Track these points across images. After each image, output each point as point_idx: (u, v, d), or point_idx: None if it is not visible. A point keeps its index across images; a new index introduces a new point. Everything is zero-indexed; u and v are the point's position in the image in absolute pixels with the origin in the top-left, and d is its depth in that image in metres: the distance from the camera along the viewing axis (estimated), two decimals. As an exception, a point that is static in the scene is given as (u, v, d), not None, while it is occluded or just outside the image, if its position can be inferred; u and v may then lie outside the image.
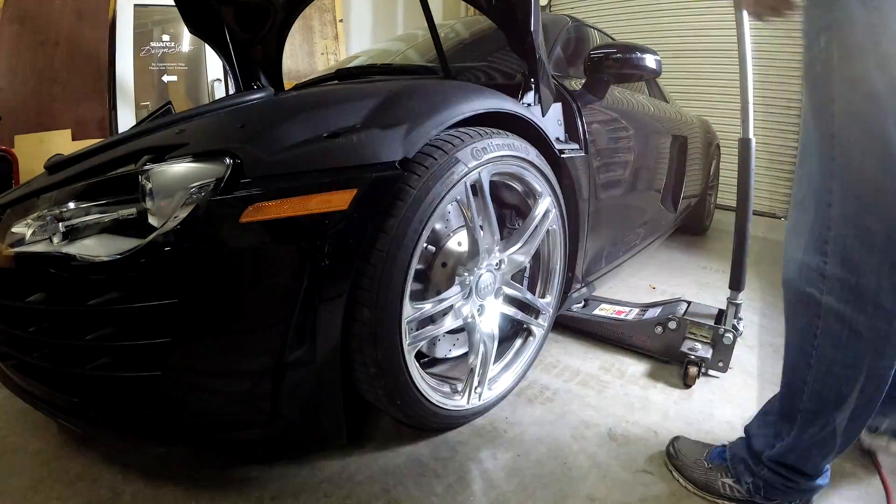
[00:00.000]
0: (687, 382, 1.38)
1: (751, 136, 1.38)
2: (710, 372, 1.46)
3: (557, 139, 1.33)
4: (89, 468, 0.97)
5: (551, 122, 1.34)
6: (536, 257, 1.33)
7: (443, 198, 0.95)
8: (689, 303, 1.64)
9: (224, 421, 0.89)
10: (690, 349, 1.43)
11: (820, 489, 0.92)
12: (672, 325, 1.49)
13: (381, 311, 0.89)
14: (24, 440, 1.05)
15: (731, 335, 1.42)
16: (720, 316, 1.54)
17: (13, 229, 0.92)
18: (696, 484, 0.99)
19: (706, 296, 2.17)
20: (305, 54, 3.80)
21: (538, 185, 1.20)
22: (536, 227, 1.21)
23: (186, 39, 3.18)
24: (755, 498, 0.94)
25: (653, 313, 1.61)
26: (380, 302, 0.89)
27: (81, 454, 1.01)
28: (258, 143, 0.84)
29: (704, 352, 1.42)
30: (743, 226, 1.41)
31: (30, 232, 0.89)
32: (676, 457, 1.05)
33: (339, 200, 0.84)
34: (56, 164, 1.04)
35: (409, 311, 0.96)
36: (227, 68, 1.82)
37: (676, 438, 1.09)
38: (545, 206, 1.22)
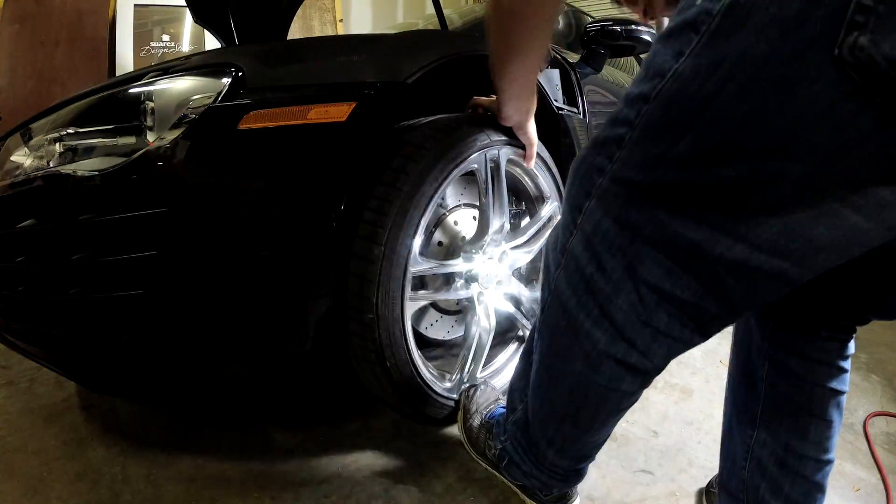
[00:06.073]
0: None
1: None
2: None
3: (555, 100, 1.35)
4: (89, 468, 0.97)
5: (548, 83, 1.35)
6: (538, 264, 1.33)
7: (463, 160, 0.96)
8: None
9: (206, 347, 0.86)
10: None
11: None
12: None
13: (388, 250, 0.87)
14: (24, 440, 1.05)
15: None
16: None
17: (12, 158, 0.91)
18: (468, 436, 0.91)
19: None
20: (305, 54, 3.80)
21: (546, 184, 1.22)
22: (541, 228, 1.22)
23: (186, 39, 3.18)
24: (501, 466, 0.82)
25: None
26: (389, 240, 0.87)
27: (81, 454, 1.01)
28: (261, 58, 0.86)
29: None
30: None
31: (28, 161, 0.88)
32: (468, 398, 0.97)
33: (337, 112, 0.85)
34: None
35: (418, 261, 0.93)
36: None
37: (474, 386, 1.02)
38: (551, 209, 1.23)
